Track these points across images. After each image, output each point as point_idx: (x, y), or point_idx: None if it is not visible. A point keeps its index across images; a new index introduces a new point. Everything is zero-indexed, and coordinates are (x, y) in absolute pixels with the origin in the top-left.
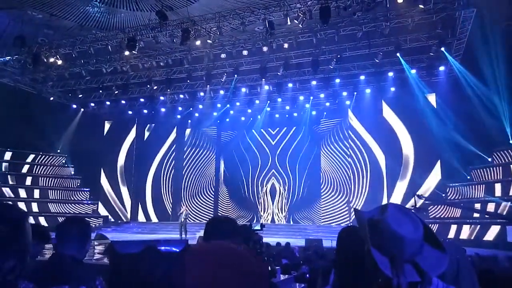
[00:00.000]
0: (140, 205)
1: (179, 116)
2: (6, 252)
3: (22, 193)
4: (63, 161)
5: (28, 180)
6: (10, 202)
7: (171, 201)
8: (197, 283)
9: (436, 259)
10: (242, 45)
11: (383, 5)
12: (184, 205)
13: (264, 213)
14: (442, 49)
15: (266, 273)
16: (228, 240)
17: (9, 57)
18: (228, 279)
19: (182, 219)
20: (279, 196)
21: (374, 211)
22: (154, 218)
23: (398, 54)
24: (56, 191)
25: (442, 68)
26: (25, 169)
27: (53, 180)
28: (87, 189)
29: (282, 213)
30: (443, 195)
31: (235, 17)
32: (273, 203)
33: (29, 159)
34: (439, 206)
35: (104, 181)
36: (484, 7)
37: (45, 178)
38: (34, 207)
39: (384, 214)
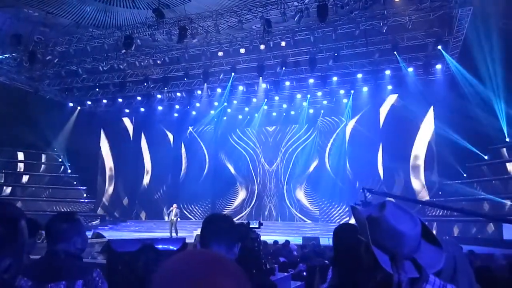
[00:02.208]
0: (137, 204)
1: (176, 114)
2: (1, 251)
3: (17, 191)
4: (60, 160)
5: (24, 179)
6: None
7: (168, 199)
8: None
9: (433, 255)
10: (239, 43)
11: (380, 3)
12: (174, 204)
13: (259, 210)
14: (439, 47)
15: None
16: (226, 238)
17: (5, 55)
18: None
19: (172, 217)
20: (277, 192)
21: (372, 209)
22: (151, 217)
23: (395, 52)
24: (52, 189)
25: (439, 66)
26: (20, 167)
27: (49, 178)
28: (84, 188)
29: (279, 208)
30: (440, 192)
31: (232, 15)
32: (272, 198)
33: (25, 158)
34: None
35: (100, 180)
36: (481, 5)
37: (41, 177)
38: (29, 205)
39: (383, 212)
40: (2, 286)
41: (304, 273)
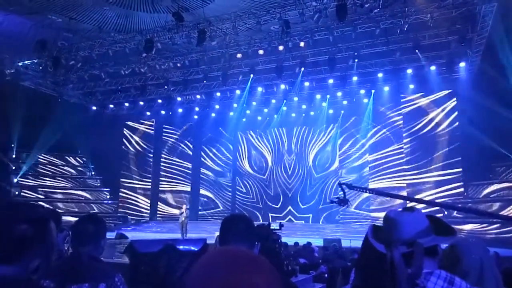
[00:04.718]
0: (159, 205)
1: (196, 117)
2: (31, 252)
3: (43, 193)
4: (84, 162)
5: (50, 181)
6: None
7: (190, 200)
8: None
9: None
10: (258, 44)
11: (401, 1)
12: (184, 204)
13: (280, 212)
14: (463, 45)
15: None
16: (245, 238)
17: (30, 61)
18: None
19: (183, 218)
20: (298, 192)
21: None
22: (173, 217)
23: (417, 51)
24: (76, 191)
25: (462, 64)
26: (46, 169)
27: (73, 180)
28: (107, 189)
29: (300, 208)
30: (465, 193)
31: (251, 16)
32: (292, 199)
33: (51, 160)
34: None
35: (123, 181)
36: (505, 2)
37: (66, 179)
38: (55, 207)
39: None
40: (30, 287)
41: (326, 275)
